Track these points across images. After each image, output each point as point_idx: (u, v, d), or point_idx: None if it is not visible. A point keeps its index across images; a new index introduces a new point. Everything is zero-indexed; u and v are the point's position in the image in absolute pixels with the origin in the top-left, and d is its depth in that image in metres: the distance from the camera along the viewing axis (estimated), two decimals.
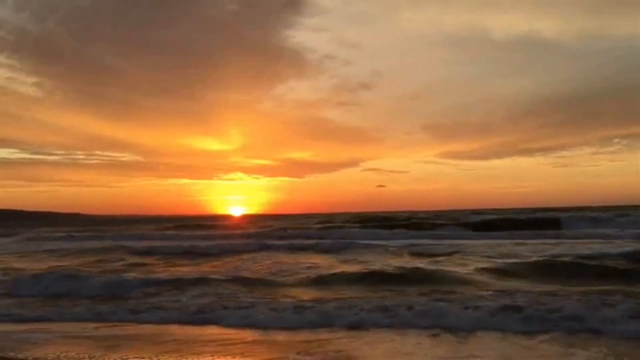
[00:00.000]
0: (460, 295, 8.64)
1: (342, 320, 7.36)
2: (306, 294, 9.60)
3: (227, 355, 6.01)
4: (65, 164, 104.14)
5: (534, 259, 13.18)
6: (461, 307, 7.42)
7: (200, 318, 7.88)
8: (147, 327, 7.57)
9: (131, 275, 12.30)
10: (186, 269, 13.95)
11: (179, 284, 10.83)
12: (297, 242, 21.33)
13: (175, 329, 7.38)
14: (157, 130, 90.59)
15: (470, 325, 6.79)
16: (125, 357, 5.87)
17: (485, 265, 12.74)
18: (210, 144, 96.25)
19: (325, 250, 17.93)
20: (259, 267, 13.84)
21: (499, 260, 13.78)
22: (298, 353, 5.92)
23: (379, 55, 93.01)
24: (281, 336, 6.86)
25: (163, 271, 13.59)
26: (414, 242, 20.64)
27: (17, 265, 16.12)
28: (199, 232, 35.00)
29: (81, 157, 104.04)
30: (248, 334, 6.99)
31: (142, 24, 71.37)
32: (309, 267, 13.30)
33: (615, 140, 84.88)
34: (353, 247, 18.27)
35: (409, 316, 7.32)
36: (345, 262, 14.65)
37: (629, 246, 15.01)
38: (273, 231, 33.51)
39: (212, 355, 5.98)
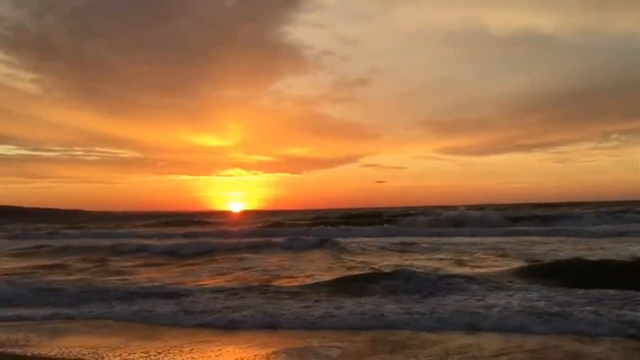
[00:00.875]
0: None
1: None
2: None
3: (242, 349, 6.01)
4: (63, 160, 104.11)
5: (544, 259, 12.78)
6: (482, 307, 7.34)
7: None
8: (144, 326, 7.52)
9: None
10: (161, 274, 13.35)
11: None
12: (290, 239, 20.76)
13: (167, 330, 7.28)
14: (156, 126, 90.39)
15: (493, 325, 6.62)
16: (132, 353, 5.86)
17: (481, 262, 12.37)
18: (209, 140, 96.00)
19: (316, 248, 17.50)
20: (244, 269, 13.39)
21: (482, 256, 13.37)
22: (322, 339, 6.17)
23: (377, 52, 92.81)
24: (302, 333, 6.83)
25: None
26: (407, 240, 20.17)
27: None
28: (191, 229, 34.64)
29: (80, 153, 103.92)
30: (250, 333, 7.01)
31: (140, 21, 70.96)
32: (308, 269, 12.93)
33: (614, 136, 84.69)
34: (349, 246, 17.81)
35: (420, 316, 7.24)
36: (334, 262, 14.16)
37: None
38: (264, 228, 33.19)
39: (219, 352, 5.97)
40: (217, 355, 5.76)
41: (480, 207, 43.23)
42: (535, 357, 5.31)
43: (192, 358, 5.66)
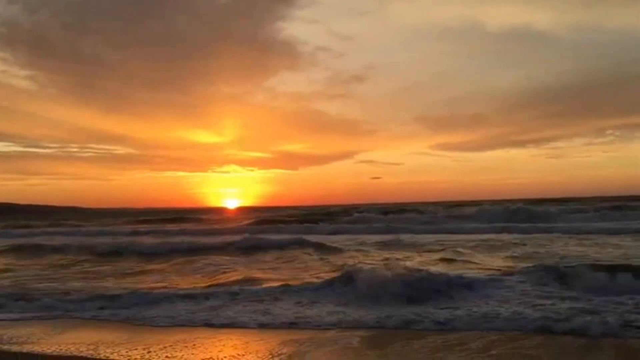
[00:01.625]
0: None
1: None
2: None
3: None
4: (59, 157, 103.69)
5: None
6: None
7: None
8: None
9: None
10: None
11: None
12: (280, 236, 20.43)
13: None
14: (151, 123, 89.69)
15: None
16: (132, 349, 5.82)
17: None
18: (204, 137, 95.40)
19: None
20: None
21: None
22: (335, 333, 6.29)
23: (373, 48, 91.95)
24: (305, 330, 6.72)
25: None
26: (400, 237, 19.79)
27: None
28: (184, 227, 34.40)
29: (75, 150, 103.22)
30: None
31: (135, 17, 70.39)
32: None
33: (609, 132, 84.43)
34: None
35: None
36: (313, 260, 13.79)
37: None
38: (252, 225, 32.98)
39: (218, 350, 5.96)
40: (220, 351, 5.70)
41: (476, 203, 43.00)
42: (533, 357, 5.27)
43: (194, 354, 5.58)
